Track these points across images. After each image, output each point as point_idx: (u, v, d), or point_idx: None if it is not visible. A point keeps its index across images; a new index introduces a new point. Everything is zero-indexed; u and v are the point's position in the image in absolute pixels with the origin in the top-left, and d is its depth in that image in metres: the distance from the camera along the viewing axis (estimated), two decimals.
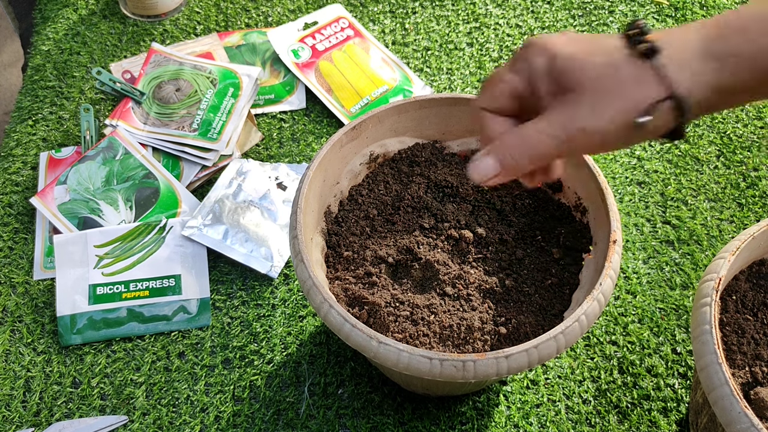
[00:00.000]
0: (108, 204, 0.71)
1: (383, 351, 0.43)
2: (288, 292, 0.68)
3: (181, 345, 0.64)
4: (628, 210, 0.74)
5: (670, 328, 0.65)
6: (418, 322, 0.50)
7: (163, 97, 0.79)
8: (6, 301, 0.67)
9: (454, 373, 0.43)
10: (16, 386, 0.62)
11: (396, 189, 0.59)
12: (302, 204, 0.51)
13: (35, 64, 0.88)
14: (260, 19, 0.94)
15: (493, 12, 0.95)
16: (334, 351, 0.63)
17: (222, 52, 0.87)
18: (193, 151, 0.75)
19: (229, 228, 0.69)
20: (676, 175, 0.78)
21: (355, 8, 0.95)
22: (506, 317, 0.51)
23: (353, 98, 0.83)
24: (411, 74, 0.86)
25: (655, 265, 0.70)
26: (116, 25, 0.93)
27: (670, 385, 0.61)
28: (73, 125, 0.81)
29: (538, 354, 0.43)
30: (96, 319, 0.64)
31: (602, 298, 0.46)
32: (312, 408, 0.60)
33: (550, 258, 0.55)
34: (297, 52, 0.87)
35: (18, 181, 0.76)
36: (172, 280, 0.67)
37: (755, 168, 0.78)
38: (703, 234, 0.72)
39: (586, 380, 0.62)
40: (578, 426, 0.59)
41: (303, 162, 0.78)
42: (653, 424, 0.59)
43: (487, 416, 0.60)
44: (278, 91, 0.84)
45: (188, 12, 0.94)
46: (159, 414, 0.60)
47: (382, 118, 0.58)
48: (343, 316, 0.45)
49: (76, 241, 0.67)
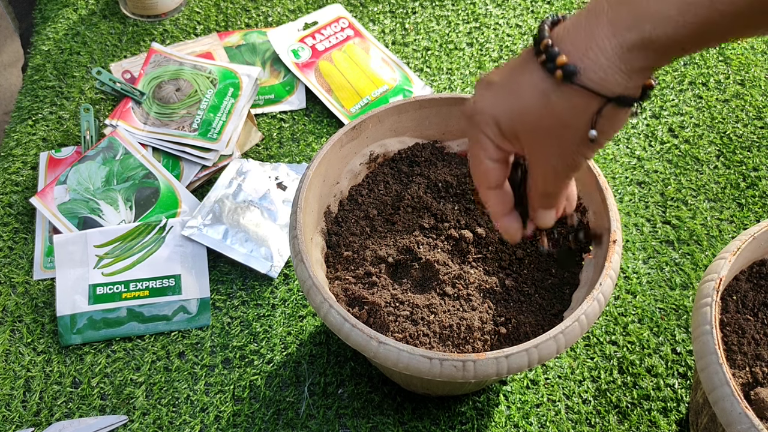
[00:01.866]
0: (108, 204, 0.71)
1: (383, 351, 0.43)
2: (288, 292, 0.68)
3: (181, 345, 0.64)
4: (628, 210, 0.74)
5: (670, 328, 0.65)
6: (418, 322, 0.50)
7: (163, 97, 0.79)
8: (6, 301, 0.67)
9: (454, 372, 0.43)
10: (16, 386, 0.62)
11: (396, 189, 0.59)
12: (302, 204, 0.51)
13: (35, 64, 0.88)
14: (260, 19, 0.94)
15: (493, 12, 0.95)
16: (334, 351, 0.63)
17: (222, 52, 0.87)
18: (193, 151, 0.75)
19: (229, 228, 0.69)
20: (676, 175, 0.78)
21: (355, 8, 0.95)
22: (506, 317, 0.51)
23: (353, 98, 0.83)
24: (411, 74, 0.86)
25: (655, 265, 0.70)
26: (116, 25, 0.93)
27: (670, 385, 0.61)
28: (73, 125, 0.81)
29: (538, 354, 0.43)
30: (96, 318, 0.64)
31: (602, 298, 0.46)
32: (312, 408, 0.60)
33: (550, 258, 0.55)
34: (297, 52, 0.87)
35: (18, 181, 0.76)
36: (172, 280, 0.67)
37: (755, 168, 0.78)
38: (703, 234, 0.72)
39: (586, 380, 0.62)
40: (578, 426, 0.59)
41: (303, 162, 0.78)
42: (653, 424, 0.59)
43: (487, 416, 0.60)
44: (278, 91, 0.84)
45: (188, 12, 0.94)
46: (159, 414, 0.60)
47: (382, 118, 0.58)
48: (343, 316, 0.45)
49: (76, 241, 0.67)
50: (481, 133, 0.38)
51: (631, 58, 0.32)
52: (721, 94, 0.86)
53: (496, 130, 0.38)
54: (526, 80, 0.36)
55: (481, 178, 0.41)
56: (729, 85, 0.87)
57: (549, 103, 0.35)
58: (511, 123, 0.37)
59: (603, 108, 0.34)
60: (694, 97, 0.85)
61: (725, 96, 0.85)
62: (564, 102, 0.34)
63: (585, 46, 0.33)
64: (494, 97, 0.37)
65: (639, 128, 0.82)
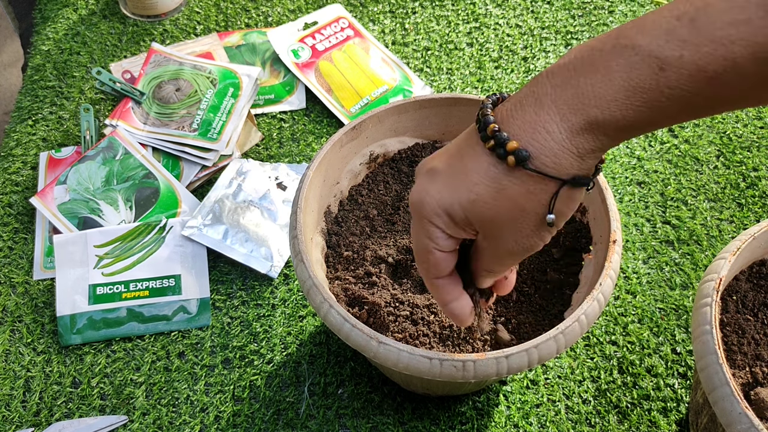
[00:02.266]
0: (108, 204, 0.71)
1: (383, 351, 0.43)
2: (288, 292, 0.67)
3: (181, 345, 0.64)
4: (628, 210, 0.74)
5: (670, 328, 0.65)
6: (418, 322, 0.50)
7: (163, 97, 0.79)
8: (6, 301, 0.67)
9: (454, 373, 0.43)
10: (16, 386, 0.62)
11: (396, 189, 0.59)
12: (302, 204, 0.51)
13: (35, 64, 0.88)
14: (260, 19, 0.94)
15: (493, 12, 0.95)
16: (334, 351, 0.63)
17: (222, 52, 0.87)
18: (193, 151, 0.75)
19: (229, 228, 0.69)
20: (676, 175, 0.77)
21: (355, 8, 0.95)
22: (506, 317, 0.51)
23: (353, 98, 0.83)
24: (411, 74, 0.86)
25: (655, 265, 0.70)
26: (116, 25, 0.93)
27: (670, 385, 0.61)
28: (73, 125, 0.81)
29: (538, 354, 0.43)
30: (96, 319, 0.64)
31: (602, 298, 0.46)
32: (312, 408, 0.60)
33: (550, 258, 0.55)
34: (297, 52, 0.87)
35: (18, 181, 0.76)
36: (172, 280, 0.67)
37: (755, 168, 0.78)
38: (703, 234, 0.72)
39: (586, 380, 0.62)
40: (578, 426, 0.59)
41: (303, 162, 0.78)
42: (653, 424, 0.59)
43: (487, 416, 0.60)
44: (278, 91, 0.84)
45: (188, 12, 0.94)
46: (159, 414, 0.60)
47: (382, 118, 0.58)
48: (343, 316, 0.45)
49: (76, 241, 0.67)
50: (430, 225, 0.36)
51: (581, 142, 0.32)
52: None
53: (447, 220, 0.36)
54: (475, 167, 0.34)
55: (430, 270, 0.39)
56: None
57: (502, 189, 0.34)
58: (464, 212, 0.35)
59: (559, 190, 0.33)
60: None
61: None
62: (518, 187, 0.33)
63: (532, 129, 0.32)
64: (442, 186, 0.36)
65: None
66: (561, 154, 0.32)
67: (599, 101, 0.30)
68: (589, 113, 0.31)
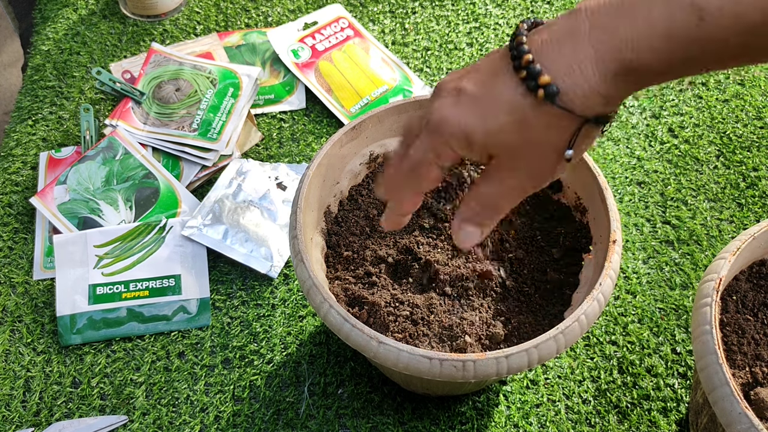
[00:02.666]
0: (108, 204, 0.71)
1: (383, 351, 0.43)
2: (288, 292, 0.68)
3: (181, 345, 0.64)
4: (628, 210, 0.74)
5: (669, 328, 0.65)
6: (417, 322, 0.50)
7: (163, 97, 0.79)
8: (6, 301, 0.67)
9: (454, 373, 0.43)
10: (16, 386, 0.62)
11: None
12: (302, 204, 0.51)
13: (35, 64, 0.88)
14: (260, 19, 0.94)
15: (493, 12, 0.95)
16: (334, 351, 0.63)
17: (222, 52, 0.87)
18: (193, 151, 0.75)
19: (229, 228, 0.69)
20: (676, 175, 0.78)
21: (355, 8, 0.95)
22: (506, 317, 0.51)
23: (353, 98, 0.83)
24: (411, 74, 0.86)
25: (655, 265, 0.70)
26: (116, 25, 0.93)
27: (670, 385, 0.61)
28: (73, 125, 0.81)
29: (538, 354, 0.43)
30: (96, 319, 0.64)
31: (602, 298, 0.46)
32: (312, 408, 0.60)
33: (550, 258, 0.55)
34: (297, 52, 0.87)
35: (18, 181, 0.76)
36: (171, 280, 0.67)
37: (755, 168, 0.78)
38: (703, 234, 0.72)
39: (585, 380, 0.62)
40: (578, 426, 0.59)
41: (303, 162, 0.78)
42: (653, 424, 0.59)
43: (487, 416, 0.60)
44: (278, 91, 0.84)
45: (188, 12, 0.94)
46: (159, 414, 0.60)
47: (382, 118, 0.58)
48: (343, 316, 0.45)
49: (76, 241, 0.67)
50: (444, 144, 0.36)
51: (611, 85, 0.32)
52: (721, 94, 0.86)
53: (464, 144, 0.36)
54: (504, 95, 0.34)
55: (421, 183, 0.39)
56: (729, 85, 0.87)
57: (526, 120, 0.34)
58: (486, 139, 0.35)
59: (581, 127, 0.34)
60: (693, 97, 0.85)
61: (725, 96, 0.85)
62: (542, 121, 0.34)
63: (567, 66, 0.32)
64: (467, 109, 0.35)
65: (639, 128, 0.82)
66: (590, 95, 0.32)
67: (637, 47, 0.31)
68: (625, 58, 0.31)
